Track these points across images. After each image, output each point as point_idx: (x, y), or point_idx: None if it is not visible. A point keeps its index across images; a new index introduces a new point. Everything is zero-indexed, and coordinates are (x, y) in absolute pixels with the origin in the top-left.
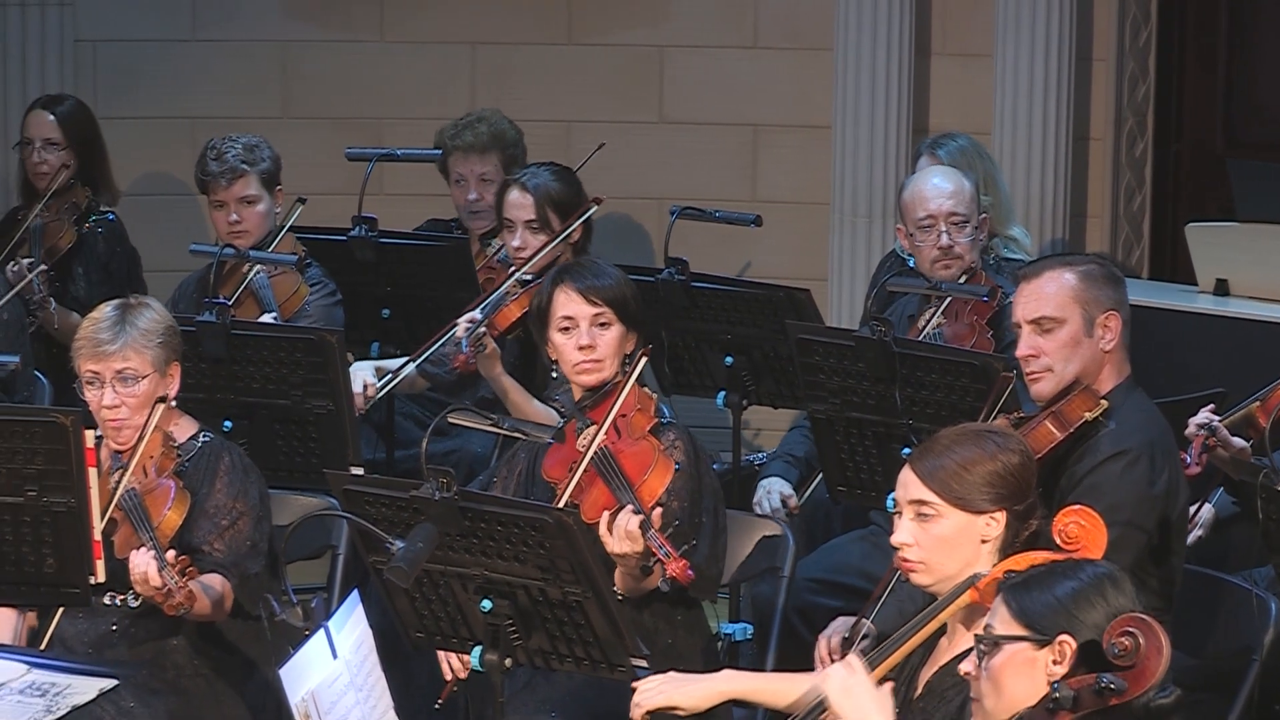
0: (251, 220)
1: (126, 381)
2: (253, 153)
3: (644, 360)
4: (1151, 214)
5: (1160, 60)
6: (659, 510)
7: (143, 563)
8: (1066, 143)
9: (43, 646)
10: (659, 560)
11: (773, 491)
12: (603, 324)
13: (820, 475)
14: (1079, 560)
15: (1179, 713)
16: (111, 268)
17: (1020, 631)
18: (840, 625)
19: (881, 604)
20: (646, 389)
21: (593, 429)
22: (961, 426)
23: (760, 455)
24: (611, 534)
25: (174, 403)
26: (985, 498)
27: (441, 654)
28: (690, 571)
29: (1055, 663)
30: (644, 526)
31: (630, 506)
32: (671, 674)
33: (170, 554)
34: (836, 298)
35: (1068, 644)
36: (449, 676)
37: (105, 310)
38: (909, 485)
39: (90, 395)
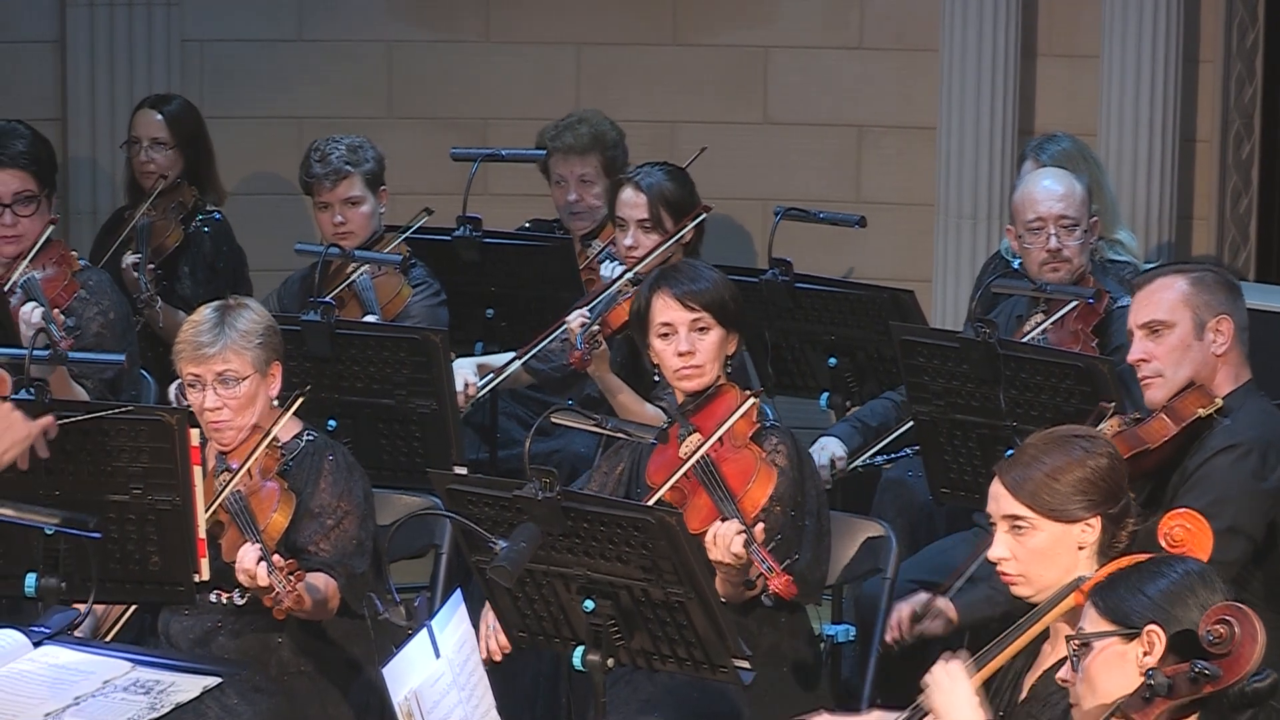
0: (356, 221)
1: (228, 384)
2: (356, 153)
3: (751, 401)
4: (1258, 216)
5: (1268, 61)
6: (761, 525)
7: (250, 558)
8: (1173, 144)
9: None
10: (762, 575)
11: (825, 449)
12: (701, 329)
13: (876, 445)
14: (1168, 557)
15: (1275, 697)
16: (218, 266)
17: (1107, 627)
18: (916, 600)
19: (963, 583)
20: (749, 392)
21: (695, 437)
22: (1048, 432)
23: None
24: (715, 545)
25: (276, 401)
26: (1078, 505)
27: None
28: (794, 587)
29: (1145, 654)
30: (747, 542)
31: (734, 521)
32: (824, 714)
33: (277, 557)
34: (941, 299)
35: (1155, 634)
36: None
37: (205, 313)
38: (1000, 499)
39: (192, 397)
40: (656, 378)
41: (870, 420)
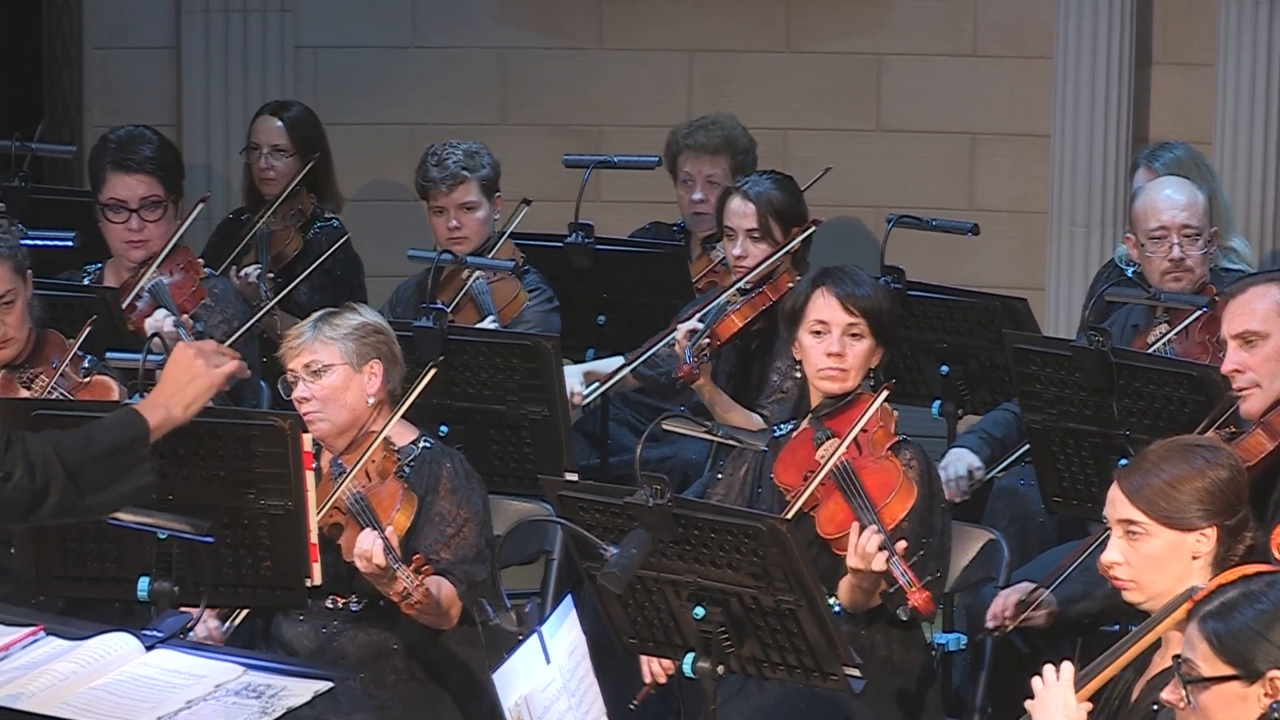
0: (471, 226)
1: (315, 374)
2: (473, 159)
3: (885, 393)
4: None
5: None
6: (903, 542)
7: (368, 541)
8: None
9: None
10: (900, 588)
11: (961, 460)
12: (855, 334)
13: (1008, 460)
14: (1267, 576)
15: None
16: (335, 274)
17: (1227, 671)
18: (1021, 588)
19: (1067, 576)
20: (887, 404)
21: (833, 441)
22: (1170, 441)
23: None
24: (855, 553)
25: (370, 399)
26: (1195, 514)
27: (644, 656)
28: (932, 604)
29: (1267, 695)
30: (889, 555)
31: (874, 528)
32: None
33: (395, 541)
34: (1054, 307)
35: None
36: (648, 680)
37: (314, 315)
38: (1117, 504)
39: (293, 393)
40: (798, 373)
41: (994, 431)
